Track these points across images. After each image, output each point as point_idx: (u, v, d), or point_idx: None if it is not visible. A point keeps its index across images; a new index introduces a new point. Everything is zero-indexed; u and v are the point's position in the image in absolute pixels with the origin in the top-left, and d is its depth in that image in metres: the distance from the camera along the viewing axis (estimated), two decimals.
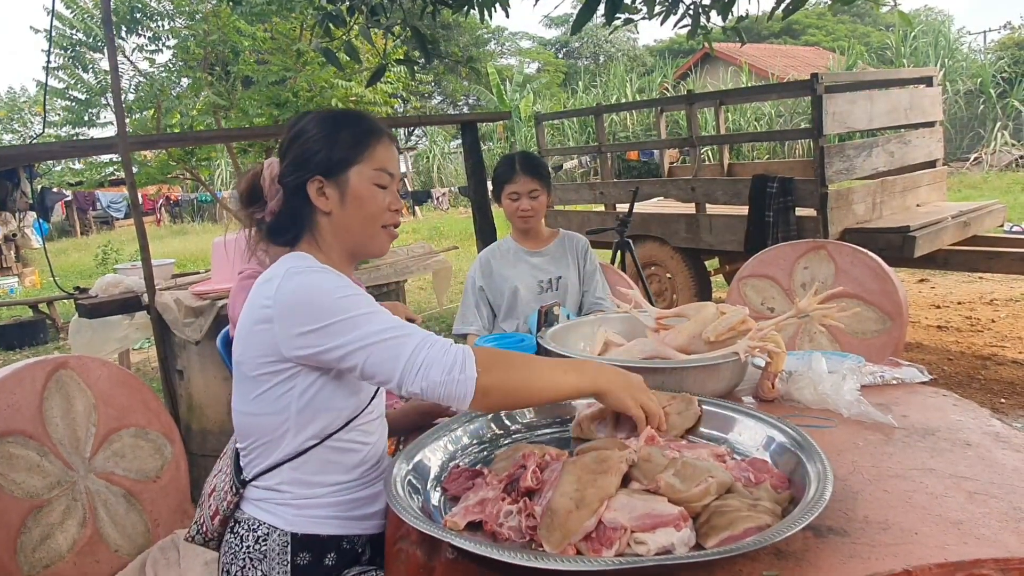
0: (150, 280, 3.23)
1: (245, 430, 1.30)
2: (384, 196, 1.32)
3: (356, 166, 1.29)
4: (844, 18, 29.87)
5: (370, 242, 1.34)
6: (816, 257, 2.42)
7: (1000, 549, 0.91)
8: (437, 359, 1.12)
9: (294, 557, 1.25)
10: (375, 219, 1.32)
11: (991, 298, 5.86)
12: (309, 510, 1.28)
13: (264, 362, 1.21)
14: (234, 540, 1.30)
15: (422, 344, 1.13)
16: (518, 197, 2.41)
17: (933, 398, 1.50)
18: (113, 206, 19.37)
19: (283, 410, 1.23)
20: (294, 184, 1.29)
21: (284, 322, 1.17)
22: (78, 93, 5.90)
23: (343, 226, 1.31)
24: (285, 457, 1.26)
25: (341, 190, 1.29)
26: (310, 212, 1.31)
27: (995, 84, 15.40)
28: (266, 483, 1.28)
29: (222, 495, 1.35)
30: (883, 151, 4.77)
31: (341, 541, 1.30)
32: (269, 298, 1.20)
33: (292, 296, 1.18)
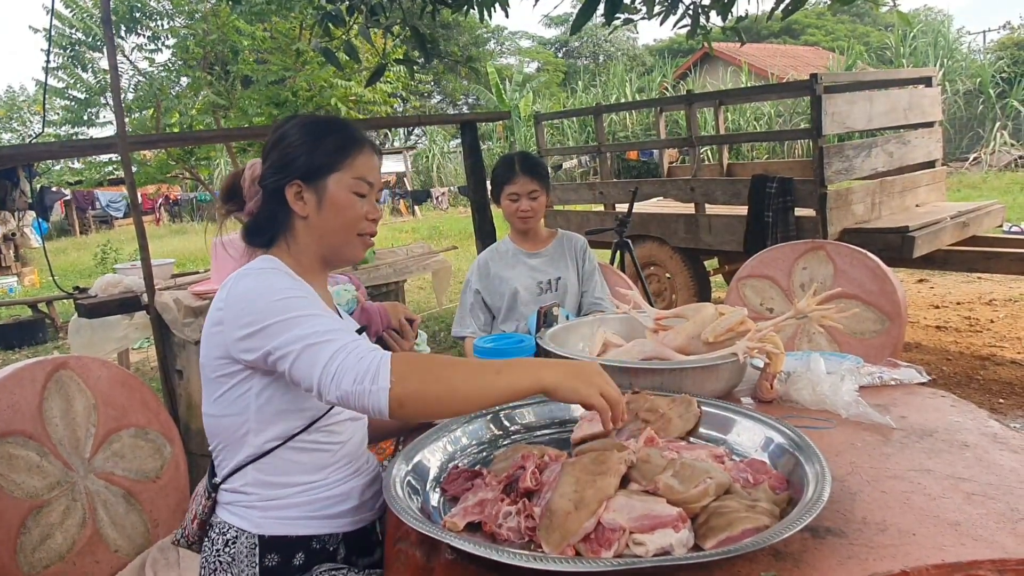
0: (149, 280, 3.23)
1: (212, 432, 1.31)
2: (361, 205, 1.32)
3: (336, 173, 1.29)
4: (844, 18, 29.88)
5: (343, 248, 1.34)
6: (815, 257, 2.42)
7: (997, 550, 0.92)
8: (351, 367, 1.06)
9: (262, 559, 1.25)
10: (351, 227, 1.32)
11: (990, 298, 5.87)
12: (275, 511, 1.27)
13: (220, 363, 1.22)
14: (209, 546, 1.31)
15: (339, 351, 1.08)
16: (517, 198, 2.41)
17: (931, 399, 1.50)
18: (112, 205, 19.37)
19: (242, 411, 1.24)
20: (273, 187, 1.30)
21: (230, 324, 1.18)
22: (77, 92, 5.90)
23: (318, 231, 1.31)
24: (248, 458, 1.26)
25: (319, 196, 1.29)
26: (286, 216, 1.31)
27: (994, 84, 15.41)
28: (233, 485, 1.29)
29: (200, 500, 1.36)
30: (882, 151, 4.77)
31: (311, 541, 1.29)
32: (222, 300, 1.22)
33: (238, 298, 1.19)
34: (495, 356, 1.63)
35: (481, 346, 1.68)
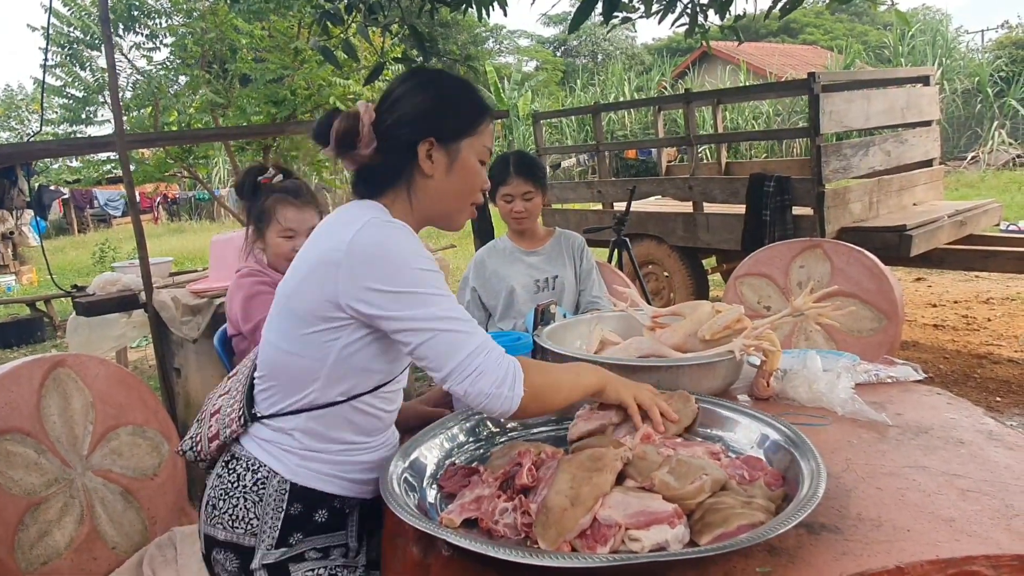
0: (147, 278, 3.23)
1: (272, 365, 1.26)
2: (481, 172, 1.30)
3: (469, 138, 1.26)
4: (842, 17, 29.90)
5: (456, 215, 1.32)
6: (812, 256, 2.43)
7: (991, 546, 0.92)
8: (491, 369, 1.10)
9: (288, 506, 1.24)
10: (471, 193, 1.30)
11: (987, 297, 5.88)
12: (314, 463, 1.25)
13: (319, 304, 1.17)
14: (228, 476, 1.27)
15: (480, 348, 1.12)
16: (512, 199, 2.41)
17: (927, 396, 1.51)
18: (111, 204, 19.35)
19: (321, 358, 1.19)
20: (405, 140, 1.23)
21: (354, 271, 1.13)
22: (76, 91, 5.89)
23: (439, 193, 1.27)
24: (307, 405, 1.23)
25: (451, 158, 1.25)
26: (410, 171, 1.25)
27: (992, 83, 15.42)
28: (278, 424, 1.25)
29: (226, 421, 1.31)
30: (880, 150, 4.78)
31: (334, 500, 1.28)
32: (343, 242, 1.14)
33: (370, 248, 1.13)
34: None
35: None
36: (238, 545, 1.24)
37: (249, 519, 1.24)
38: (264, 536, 1.23)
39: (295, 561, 1.24)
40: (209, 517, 1.28)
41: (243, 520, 1.24)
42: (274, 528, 1.23)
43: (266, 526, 1.23)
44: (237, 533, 1.24)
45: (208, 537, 1.28)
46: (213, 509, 1.27)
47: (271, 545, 1.23)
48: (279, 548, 1.24)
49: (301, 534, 1.25)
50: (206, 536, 1.29)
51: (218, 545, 1.26)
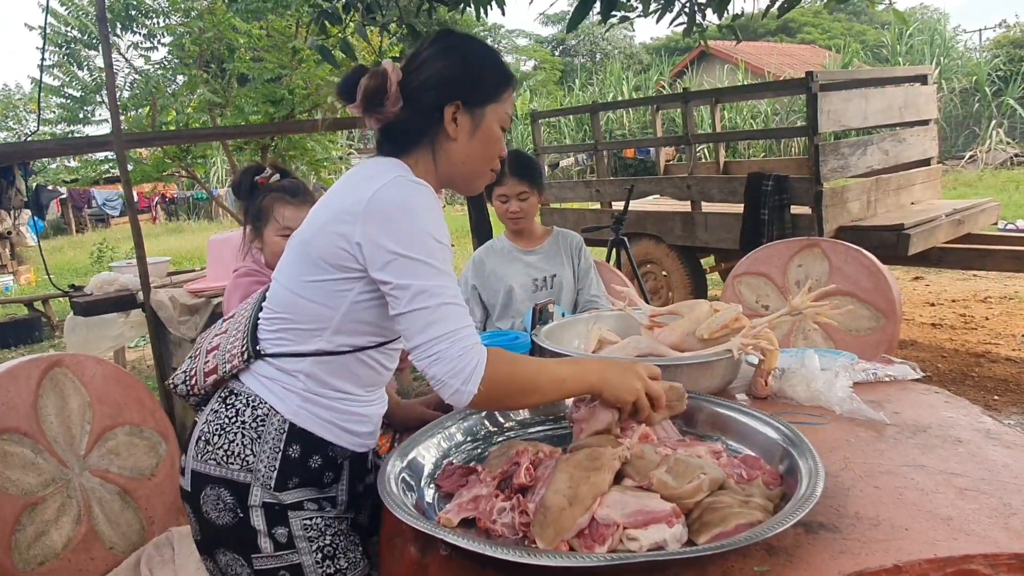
0: (145, 278, 3.23)
1: (284, 304, 1.26)
2: (502, 139, 1.33)
3: (494, 104, 1.28)
4: (840, 16, 29.91)
5: (475, 178, 1.34)
6: (810, 255, 2.43)
7: (989, 545, 0.92)
8: (449, 358, 1.10)
9: (287, 447, 1.23)
10: (491, 159, 1.32)
11: (985, 296, 5.88)
12: (314, 407, 1.25)
13: (336, 252, 1.17)
14: (225, 411, 1.26)
15: (448, 336, 1.11)
16: (507, 199, 2.41)
17: (925, 395, 1.51)
18: (109, 204, 19.31)
19: (334, 306, 1.20)
20: (432, 102, 1.24)
21: (371, 225, 1.14)
22: (73, 90, 5.88)
23: (461, 156, 1.28)
24: (315, 351, 1.23)
25: (475, 122, 1.27)
26: (435, 132, 1.27)
27: (990, 82, 15.44)
28: (282, 365, 1.25)
29: (226, 356, 1.29)
30: (878, 149, 4.78)
31: (328, 448, 1.28)
32: (366, 195, 1.15)
33: (390, 206, 1.14)
34: None
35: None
36: (232, 481, 1.21)
37: (245, 455, 1.22)
38: (260, 474, 1.21)
39: (293, 509, 1.23)
40: (201, 453, 1.25)
41: (238, 456, 1.22)
42: (271, 467, 1.22)
43: (262, 464, 1.21)
44: (232, 469, 1.22)
45: (198, 474, 1.25)
46: (206, 444, 1.25)
47: (269, 484, 1.21)
48: (279, 490, 1.22)
49: (298, 479, 1.24)
50: (195, 473, 1.25)
51: (212, 481, 1.23)
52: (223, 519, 1.22)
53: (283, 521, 1.21)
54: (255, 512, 1.21)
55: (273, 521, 1.21)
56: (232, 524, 1.21)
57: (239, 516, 1.21)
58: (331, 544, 1.25)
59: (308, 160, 6.32)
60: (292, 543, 1.22)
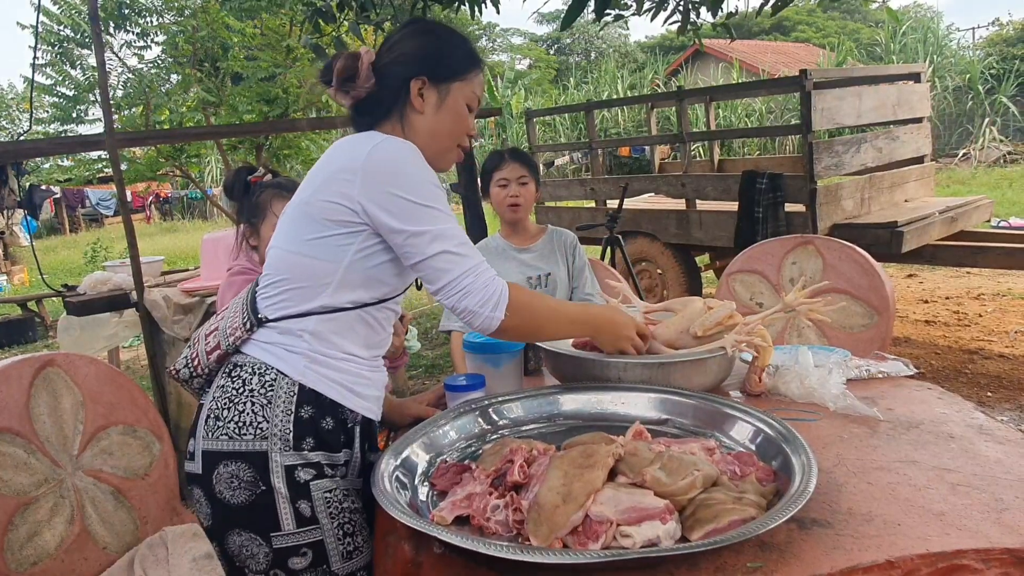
0: (139, 277, 3.22)
1: (283, 266, 1.28)
2: (469, 118, 1.38)
3: (460, 82, 1.34)
4: (834, 15, 29.98)
5: (443, 154, 1.37)
6: (804, 252, 2.43)
7: (981, 540, 0.92)
8: (477, 290, 1.21)
9: (299, 408, 1.23)
10: (457, 135, 1.37)
11: (978, 293, 5.91)
12: (321, 367, 1.25)
13: (336, 207, 1.22)
14: (232, 384, 1.25)
15: (472, 270, 1.21)
16: (507, 183, 2.42)
17: (918, 391, 1.51)
18: (102, 203, 19.23)
19: (336, 260, 1.24)
20: (400, 75, 1.31)
21: (375, 178, 1.20)
22: (66, 90, 5.86)
23: (428, 131, 1.33)
24: (319, 308, 1.25)
25: (441, 98, 1.33)
26: (402, 106, 1.33)
27: (983, 80, 15.49)
28: (286, 326, 1.26)
29: (228, 331, 1.30)
30: (871, 147, 4.79)
31: (339, 410, 1.28)
32: (362, 154, 1.22)
33: (389, 160, 1.21)
34: (485, 351, 1.63)
35: (471, 341, 1.68)
36: (249, 453, 1.20)
37: (258, 423, 1.21)
38: (276, 439, 1.20)
39: (316, 477, 1.22)
40: (211, 431, 1.23)
41: (251, 425, 1.21)
42: (286, 431, 1.21)
43: (276, 428, 1.21)
44: (245, 440, 1.20)
45: (209, 452, 1.22)
46: (216, 421, 1.23)
47: (287, 447, 1.20)
48: (294, 451, 1.21)
49: (312, 440, 1.23)
50: (206, 452, 1.22)
51: (225, 458, 1.21)
52: (238, 497, 1.19)
53: (306, 494, 1.21)
54: (278, 481, 1.19)
55: (297, 494, 1.20)
56: (249, 502, 1.19)
57: (258, 491, 1.19)
58: (350, 521, 1.25)
59: (303, 159, 6.31)
60: (315, 518, 1.21)
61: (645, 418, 1.37)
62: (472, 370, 1.65)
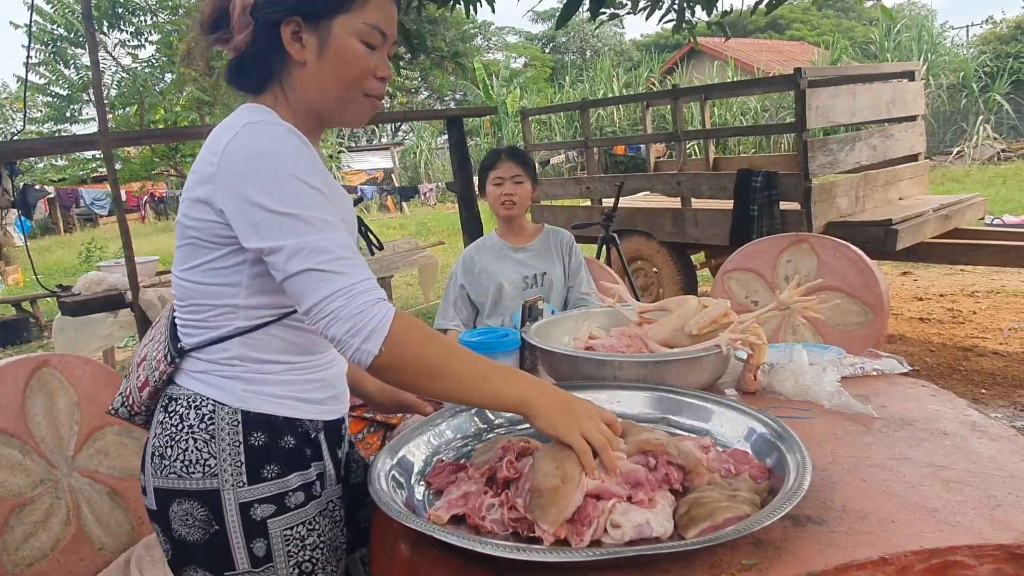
0: (134, 277, 3.21)
1: (185, 295, 1.15)
2: (371, 58, 1.13)
3: (343, 15, 1.10)
4: (829, 13, 30.04)
5: (345, 108, 1.16)
6: (799, 250, 2.44)
7: (974, 536, 0.93)
8: (348, 315, 0.99)
9: (247, 437, 1.12)
10: (356, 83, 1.13)
11: (972, 290, 5.93)
12: (261, 386, 1.14)
13: (204, 224, 1.07)
14: (170, 419, 1.14)
15: (343, 292, 0.99)
16: (502, 182, 2.43)
17: (912, 389, 1.52)
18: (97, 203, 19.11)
19: (233, 284, 1.10)
20: (266, 20, 1.10)
21: (227, 180, 1.02)
22: (60, 89, 5.85)
23: (317, 82, 1.12)
24: (236, 331, 1.12)
25: (321, 40, 1.10)
26: (281, 59, 1.12)
27: (977, 78, 15.54)
28: (210, 356, 1.14)
29: (154, 364, 1.19)
30: (866, 145, 4.81)
31: (296, 424, 1.17)
32: (218, 150, 1.04)
33: (243, 154, 1.02)
34: (481, 350, 1.63)
35: (467, 340, 1.68)
36: (199, 492, 1.11)
37: (204, 460, 1.11)
38: (227, 476, 1.10)
39: (276, 514, 1.13)
40: (158, 468, 1.14)
41: (198, 463, 1.11)
42: (236, 464, 1.11)
43: (226, 464, 1.11)
44: (195, 479, 1.11)
45: (161, 490, 1.14)
46: (161, 459, 1.13)
47: (240, 482, 1.11)
48: (254, 484, 1.12)
49: (275, 465, 1.13)
50: (158, 490, 1.14)
51: (178, 496, 1.12)
52: (193, 535, 1.12)
53: (262, 532, 1.12)
54: (232, 520, 1.11)
55: (252, 533, 1.12)
56: (203, 540, 1.12)
57: (212, 530, 1.11)
58: (310, 559, 1.16)
59: None
60: (270, 556, 1.13)
61: (641, 416, 1.37)
62: None
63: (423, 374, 1.03)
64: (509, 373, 1.08)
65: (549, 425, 1.03)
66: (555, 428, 1.02)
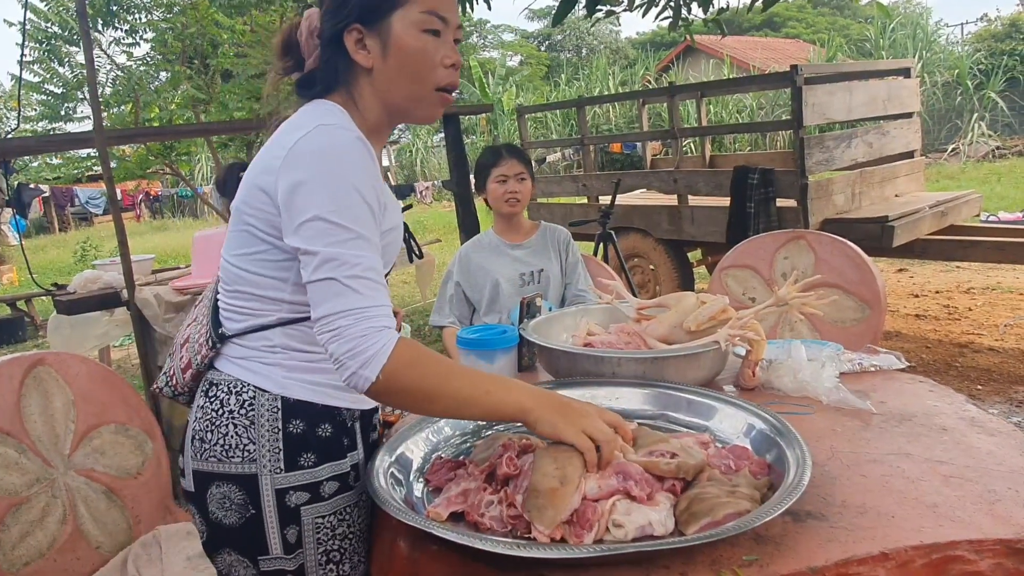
0: (129, 276, 3.20)
1: (233, 280, 1.16)
2: (437, 47, 1.11)
3: (400, 10, 1.08)
4: (824, 10, 30.08)
5: (417, 106, 1.15)
6: (796, 247, 2.44)
7: (974, 531, 0.93)
8: (351, 337, 0.98)
9: (286, 424, 1.14)
10: (425, 77, 1.11)
11: (968, 287, 5.94)
12: (302, 373, 1.16)
13: (262, 215, 1.09)
14: (210, 404, 1.17)
15: (354, 311, 0.99)
16: (505, 179, 2.43)
17: (910, 384, 1.52)
18: (92, 202, 19.05)
19: (281, 278, 1.12)
20: (331, 34, 1.11)
21: (293, 176, 1.04)
22: (54, 87, 5.82)
23: (385, 83, 1.11)
24: (278, 321, 1.14)
25: (383, 40, 1.09)
26: (348, 68, 1.12)
27: (972, 76, 15.58)
28: (252, 343, 1.16)
29: (196, 347, 1.21)
30: (862, 142, 4.81)
31: (335, 413, 1.18)
32: (284, 148, 1.05)
33: (315, 154, 1.03)
34: (479, 347, 1.63)
35: (465, 337, 1.68)
36: (238, 476, 1.13)
37: (244, 446, 1.14)
38: (265, 461, 1.13)
39: (310, 502, 1.15)
40: (198, 452, 1.17)
41: (237, 448, 1.14)
42: (275, 451, 1.13)
43: (264, 450, 1.13)
44: (234, 463, 1.13)
45: (200, 473, 1.17)
46: (201, 443, 1.17)
47: (278, 469, 1.13)
48: (291, 471, 1.14)
49: (312, 454, 1.15)
50: (197, 472, 1.17)
51: (217, 479, 1.15)
52: (230, 518, 1.15)
53: (295, 519, 1.15)
54: (268, 505, 1.13)
55: (286, 519, 1.14)
56: (239, 524, 1.14)
57: (248, 514, 1.14)
58: (339, 548, 1.19)
59: None
60: (300, 542, 1.16)
61: (639, 412, 1.37)
62: (465, 365, 1.65)
63: (422, 399, 1.03)
64: (506, 383, 1.08)
65: (551, 427, 1.02)
66: (556, 429, 1.02)
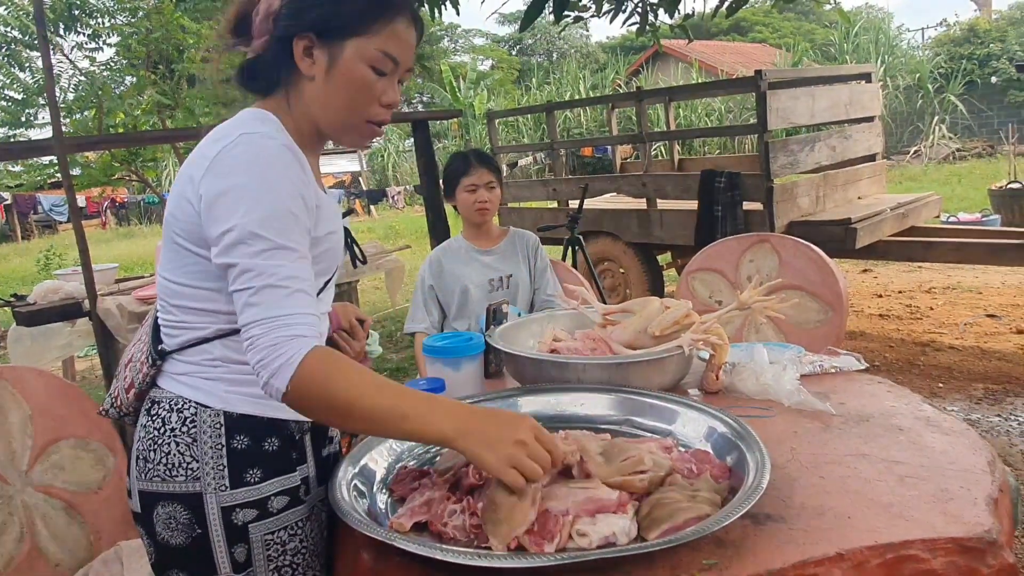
0: (91, 286, 3.14)
1: (171, 296, 1.14)
2: (380, 84, 1.12)
3: (358, 38, 1.08)
4: (790, 16, 30.55)
5: (345, 131, 1.16)
6: (761, 250, 2.47)
7: (928, 530, 0.95)
8: (262, 346, 0.97)
9: (229, 440, 1.11)
10: (359, 108, 1.12)
11: (929, 286, 6.07)
12: (245, 387, 1.13)
13: (190, 226, 1.07)
14: (152, 423, 1.14)
15: (264, 321, 0.97)
16: (475, 189, 2.43)
17: (869, 385, 1.55)
18: (56, 209, 18.71)
19: (216, 288, 1.09)
20: (283, 32, 1.10)
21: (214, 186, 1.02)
22: (14, 93, 5.70)
23: (321, 101, 1.12)
24: (218, 333, 1.12)
25: (332, 59, 1.09)
26: (291, 69, 1.13)
27: (932, 80, 15.96)
28: (192, 358, 1.14)
29: (137, 366, 1.20)
30: (825, 146, 4.90)
31: (281, 426, 1.15)
32: (207, 158, 1.05)
33: (236, 164, 1.02)
34: (444, 355, 1.63)
35: (431, 344, 1.67)
36: (183, 495, 1.11)
37: (187, 464, 1.11)
38: (209, 479, 1.10)
39: (257, 519, 1.12)
40: (143, 472, 1.14)
41: (180, 466, 1.11)
42: (219, 467, 1.10)
43: (208, 467, 1.10)
44: (178, 482, 1.11)
45: (145, 493, 1.14)
46: (145, 462, 1.14)
47: (223, 486, 1.10)
48: (236, 488, 1.11)
49: (258, 469, 1.13)
50: (143, 492, 1.14)
51: (162, 499, 1.12)
52: (176, 539, 1.12)
53: (243, 537, 1.12)
54: (214, 524, 1.11)
55: (233, 538, 1.12)
56: (186, 544, 1.12)
57: (194, 534, 1.11)
58: (291, 564, 1.16)
59: None
60: (250, 560, 1.13)
61: (604, 418, 1.38)
62: (432, 373, 1.64)
63: (335, 413, 1.00)
64: (429, 406, 1.00)
65: (476, 460, 0.98)
66: (484, 464, 0.97)
